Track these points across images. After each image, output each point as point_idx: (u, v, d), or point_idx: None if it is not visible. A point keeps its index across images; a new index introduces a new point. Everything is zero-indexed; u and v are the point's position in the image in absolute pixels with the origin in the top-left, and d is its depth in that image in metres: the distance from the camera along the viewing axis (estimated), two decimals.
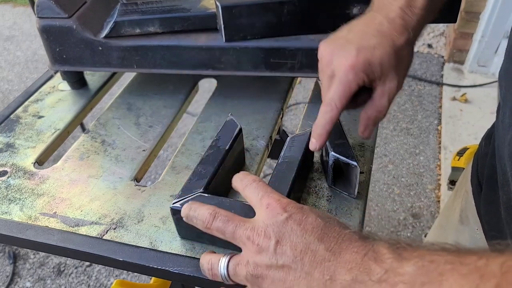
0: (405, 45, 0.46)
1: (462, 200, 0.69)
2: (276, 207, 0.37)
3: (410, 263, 0.29)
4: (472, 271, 0.26)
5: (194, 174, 0.49)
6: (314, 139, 0.47)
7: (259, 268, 0.35)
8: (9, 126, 0.67)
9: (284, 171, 0.48)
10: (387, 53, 0.45)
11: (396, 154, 1.83)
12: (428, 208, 1.62)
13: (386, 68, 0.45)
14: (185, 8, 0.63)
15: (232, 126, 0.54)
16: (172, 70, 0.65)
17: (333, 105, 0.45)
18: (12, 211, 0.54)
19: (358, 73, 0.44)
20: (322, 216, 0.36)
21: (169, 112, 0.68)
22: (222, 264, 0.38)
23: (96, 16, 0.64)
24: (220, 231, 0.39)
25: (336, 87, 0.45)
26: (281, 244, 0.35)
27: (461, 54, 2.20)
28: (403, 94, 2.12)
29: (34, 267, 1.50)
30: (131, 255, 0.48)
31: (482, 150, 0.62)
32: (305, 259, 0.34)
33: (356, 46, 0.45)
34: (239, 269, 0.37)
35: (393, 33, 0.45)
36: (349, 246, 0.33)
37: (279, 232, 0.35)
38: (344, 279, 0.31)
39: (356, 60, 0.44)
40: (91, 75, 0.77)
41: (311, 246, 0.34)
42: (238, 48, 0.61)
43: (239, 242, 0.37)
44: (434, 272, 0.27)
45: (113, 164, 0.59)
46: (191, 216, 0.41)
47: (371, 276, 0.30)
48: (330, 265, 0.32)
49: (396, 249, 0.31)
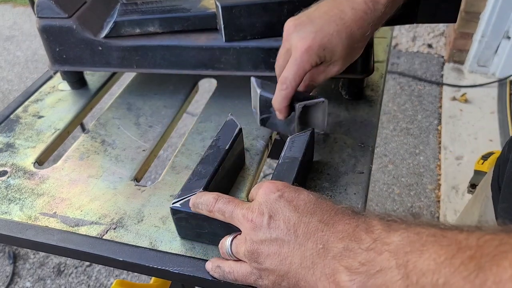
0: (361, 38, 0.49)
1: (482, 205, 0.68)
2: (270, 186, 0.39)
3: (396, 233, 0.31)
4: (452, 243, 0.28)
5: (194, 173, 0.49)
6: (277, 111, 0.52)
7: (254, 244, 0.37)
8: (9, 126, 0.67)
9: (284, 171, 0.48)
10: (343, 42, 0.48)
11: (396, 154, 1.83)
12: (428, 208, 1.62)
13: (337, 56, 0.49)
14: (185, 8, 0.63)
15: (232, 126, 0.54)
16: (172, 70, 0.65)
17: (287, 83, 0.49)
18: (12, 211, 0.54)
19: (312, 55, 0.48)
20: (314, 193, 0.39)
21: (169, 112, 0.68)
22: (227, 242, 0.41)
23: (96, 16, 0.64)
24: (220, 212, 0.41)
25: (290, 67, 0.49)
26: (274, 219, 0.37)
27: (461, 54, 2.20)
28: (403, 94, 2.12)
29: (34, 267, 1.50)
30: (131, 255, 0.48)
31: (505, 155, 0.62)
32: (298, 231, 0.35)
33: (315, 29, 0.48)
34: (239, 246, 0.39)
35: (352, 25, 0.48)
36: (342, 218, 0.35)
37: (272, 208, 0.37)
38: (336, 247, 0.33)
39: (312, 42, 0.47)
40: (91, 75, 0.77)
41: (303, 219, 0.36)
42: (238, 48, 0.61)
43: (237, 222, 0.40)
44: (417, 242, 0.29)
45: (113, 164, 0.59)
46: (197, 203, 0.43)
47: (360, 244, 0.32)
48: (323, 235, 0.34)
49: (386, 221, 0.33)
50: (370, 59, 0.61)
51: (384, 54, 0.76)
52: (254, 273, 0.38)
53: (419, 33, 2.51)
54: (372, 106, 0.65)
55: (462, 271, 0.26)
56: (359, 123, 0.62)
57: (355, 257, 0.32)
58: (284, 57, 0.51)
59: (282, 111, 0.52)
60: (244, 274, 0.39)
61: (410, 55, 2.37)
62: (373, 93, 0.68)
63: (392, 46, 2.33)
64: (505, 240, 0.26)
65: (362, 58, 0.59)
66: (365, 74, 0.62)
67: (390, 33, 0.81)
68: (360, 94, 0.66)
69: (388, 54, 0.76)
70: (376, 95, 0.67)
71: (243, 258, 0.39)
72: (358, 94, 0.66)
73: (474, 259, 0.26)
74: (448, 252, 0.27)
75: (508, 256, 0.25)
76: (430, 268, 0.28)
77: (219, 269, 0.42)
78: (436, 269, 0.27)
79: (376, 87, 0.69)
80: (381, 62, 0.73)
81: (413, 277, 0.28)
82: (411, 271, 0.28)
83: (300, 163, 0.49)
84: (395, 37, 2.49)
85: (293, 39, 0.49)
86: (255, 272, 0.38)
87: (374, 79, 0.70)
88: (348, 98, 0.67)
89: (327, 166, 0.56)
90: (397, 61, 2.33)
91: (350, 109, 0.65)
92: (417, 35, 2.50)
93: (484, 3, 1.98)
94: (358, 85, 0.65)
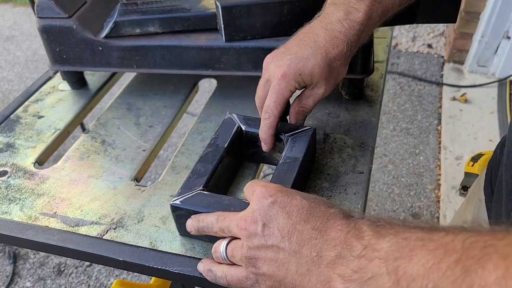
0: (338, 57, 0.49)
1: (475, 208, 0.68)
2: (262, 192, 0.39)
3: (386, 239, 0.31)
4: (439, 247, 0.28)
5: (194, 172, 0.49)
6: (262, 142, 0.52)
7: (251, 250, 0.38)
8: (9, 126, 0.67)
9: (285, 171, 0.48)
10: (318, 64, 0.48)
11: (396, 154, 1.83)
12: (428, 208, 1.62)
13: (316, 78, 0.49)
14: (185, 8, 0.63)
15: (230, 124, 0.54)
16: (172, 70, 0.65)
17: (270, 112, 0.50)
18: (12, 211, 0.54)
19: (290, 81, 0.48)
20: (307, 197, 0.38)
21: (169, 112, 0.68)
22: (222, 247, 0.41)
23: (96, 16, 0.64)
24: (221, 231, 0.42)
25: (270, 95, 0.49)
26: (268, 226, 0.37)
27: (461, 54, 2.20)
28: (403, 94, 2.12)
29: (34, 267, 1.50)
30: (131, 255, 0.48)
31: (497, 157, 0.62)
32: (292, 239, 0.36)
33: (290, 56, 0.49)
34: (235, 251, 0.40)
35: (327, 46, 0.48)
36: (334, 224, 0.35)
37: (265, 215, 0.38)
38: (330, 255, 0.34)
39: (287, 69, 0.48)
40: (91, 75, 0.77)
41: (297, 227, 0.36)
42: (238, 48, 0.61)
43: (235, 233, 0.40)
44: (406, 248, 0.30)
45: (113, 164, 0.59)
46: (201, 228, 0.44)
47: (352, 252, 0.33)
48: (317, 243, 0.35)
49: (376, 226, 0.33)
50: (370, 59, 0.61)
51: (384, 54, 0.76)
52: (251, 277, 0.39)
53: (419, 33, 2.51)
54: (372, 106, 0.65)
55: (450, 275, 0.27)
56: (359, 123, 0.62)
57: (348, 264, 0.32)
58: (263, 88, 0.51)
59: (267, 141, 0.52)
60: (239, 278, 0.40)
61: (410, 55, 2.37)
62: (373, 93, 0.68)
63: (392, 46, 2.33)
64: (489, 241, 0.27)
65: (362, 58, 0.59)
66: (365, 74, 0.62)
67: (390, 33, 0.81)
68: (360, 94, 0.66)
69: (388, 54, 0.76)
70: (376, 95, 0.67)
71: (239, 263, 0.40)
72: (358, 94, 0.66)
73: (460, 262, 0.27)
74: (435, 257, 0.28)
75: (493, 258, 0.25)
76: (420, 273, 0.28)
77: (211, 273, 0.43)
78: (425, 274, 0.28)
79: (376, 87, 0.69)
80: (381, 62, 0.74)
81: (403, 283, 0.29)
82: (402, 277, 0.29)
83: (301, 163, 0.49)
84: (395, 37, 2.49)
85: (270, 69, 0.50)
86: (252, 277, 0.39)
87: (374, 79, 0.70)
88: (348, 98, 0.67)
89: (327, 166, 0.56)
90: (397, 61, 2.33)
91: (350, 109, 0.65)
92: (417, 35, 2.50)
93: (484, 3, 1.98)
94: (358, 85, 0.65)
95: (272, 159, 0.56)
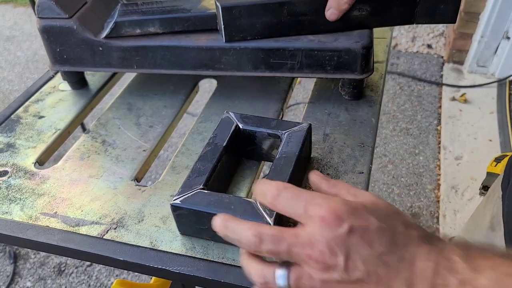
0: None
1: (494, 206, 0.68)
2: (331, 217, 0.34)
3: (484, 274, 0.29)
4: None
5: (193, 171, 0.49)
6: (334, 10, 0.57)
7: (328, 284, 0.34)
8: (10, 126, 0.67)
9: (282, 165, 0.49)
10: None
11: (396, 154, 1.83)
12: (428, 208, 1.62)
13: None
14: (185, 9, 0.63)
15: (228, 123, 0.55)
16: (172, 71, 0.65)
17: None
18: (13, 211, 0.54)
19: None
20: (382, 216, 0.34)
21: (169, 112, 0.68)
22: (282, 277, 0.35)
23: (96, 16, 0.64)
24: (272, 253, 0.35)
25: None
26: (350, 259, 0.33)
27: (460, 55, 2.20)
28: (403, 94, 2.12)
29: (34, 267, 1.50)
30: (131, 254, 0.48)
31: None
32: (379, 271, 0.33)
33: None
34: (303, 283, 0.35)
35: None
36: (420, 251, 0.33)
37: (345, 247, 0.33)
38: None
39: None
40: (92, 75, 0.77)
41: (382, 258, 0.33)
42: (238, 49, 0.61)
43: (297, 260, 0.35)
44: (510, 286, 0.28)
45: (114, 164, 0.59)
46: (231, 239, 0.37)
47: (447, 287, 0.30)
48: (407, 277, 0.32)
49: (468, 257, 0.31)
50: (370, 59, 0.61)
51: (383, 54, 0.76)
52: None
53: (419, 33, 2.51)
54: (372, 106, 0.65)
55: None
56: (359, 123, 0.63)
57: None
58: None
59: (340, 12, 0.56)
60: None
61: (410, 56, 2.37)
62: (372, 93, 0.68)
63: (391, 46, 2.33)
64: None
65: (362, 59, 0.59)
66: (364, 74, 0.62)
67: (389, 34, 0.81)
68: (359, 94, 0.67)
69: (388, 55, 0.76)
70: (376, 95, 0.67)
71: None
72: (357, 94, 0.66)
73: None
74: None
75: None
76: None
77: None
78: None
79: (375, 87, 0.69)
80: (380, 63, 0.74)
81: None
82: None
83: (297, 158, 0.50)
84: (394, 37, 2.49)
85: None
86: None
87: (373, 79, 0.70)
88: (348, 98, 0.67)
89: (327, 166, 0.56)
90: (397, 61, 2.33)
91: (350, 109, 0.65)
92: (416, 36, 2.50)
93: (484, 3, 1.98)
94: (358, 86, 0.65)
95: (269, 156, 0.57)
